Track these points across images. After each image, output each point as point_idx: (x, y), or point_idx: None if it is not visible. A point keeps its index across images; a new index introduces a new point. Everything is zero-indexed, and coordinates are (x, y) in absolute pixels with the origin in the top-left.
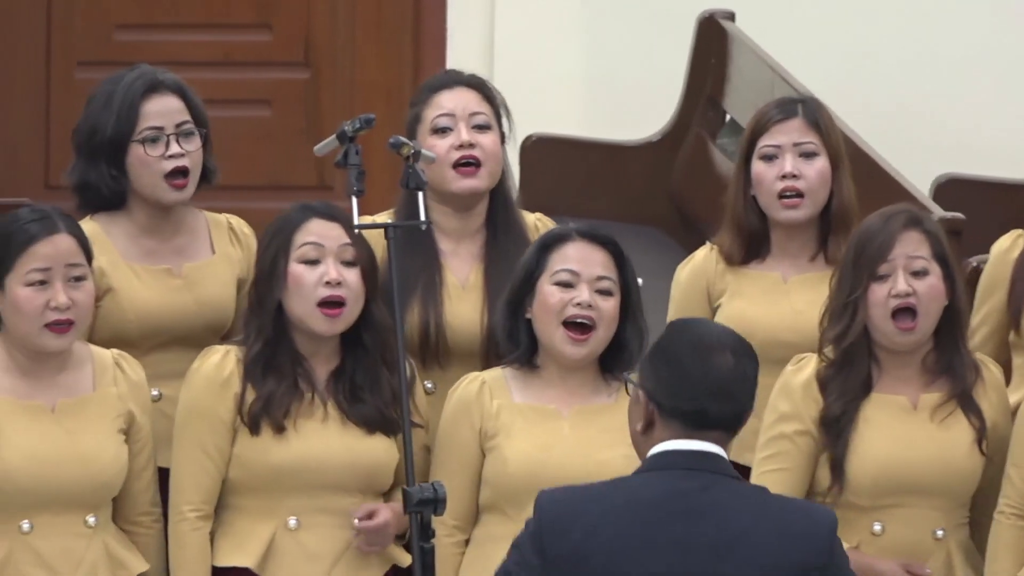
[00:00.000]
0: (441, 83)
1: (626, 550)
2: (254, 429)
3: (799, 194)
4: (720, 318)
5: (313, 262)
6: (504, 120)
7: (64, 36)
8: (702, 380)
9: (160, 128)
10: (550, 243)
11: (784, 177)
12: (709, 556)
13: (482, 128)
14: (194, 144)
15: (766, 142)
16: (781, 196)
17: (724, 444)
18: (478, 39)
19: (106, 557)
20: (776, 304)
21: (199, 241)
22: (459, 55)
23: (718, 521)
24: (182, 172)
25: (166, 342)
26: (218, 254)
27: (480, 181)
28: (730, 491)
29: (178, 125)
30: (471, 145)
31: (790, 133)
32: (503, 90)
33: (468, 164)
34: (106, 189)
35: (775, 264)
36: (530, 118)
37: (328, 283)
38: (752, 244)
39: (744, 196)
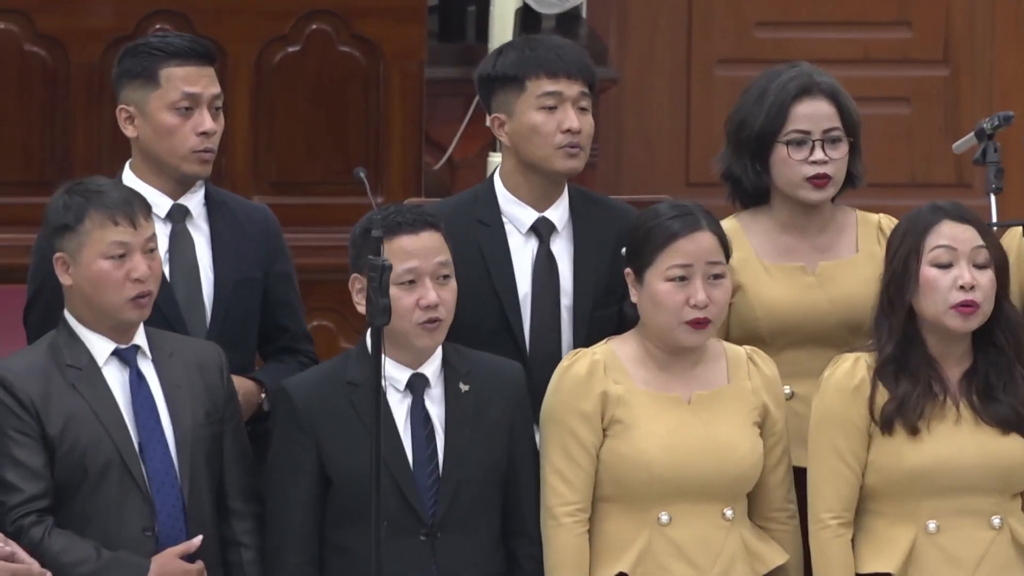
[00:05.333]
0: None
1: None
2: (886, 429)
3: None
4: None
5: (946, 266)
6: None
7: (704, 35)
8: None
9: (807, 132)
10: None
11: None
12: None
13: None
14: (839, 151)
15: None
16: None
17: None
18: None
19: (744, 550)
20: None
21: (844, 239)
22: None
23: None
24: (821, 178)
25: (798, 340)
26: (861, 252)
27: None
28: None
29: (825, 131)
30: None
31: None
32: None
33: None
34: (748, 183)
35: None
36: None
37: (962, 287)
38: None
39: None
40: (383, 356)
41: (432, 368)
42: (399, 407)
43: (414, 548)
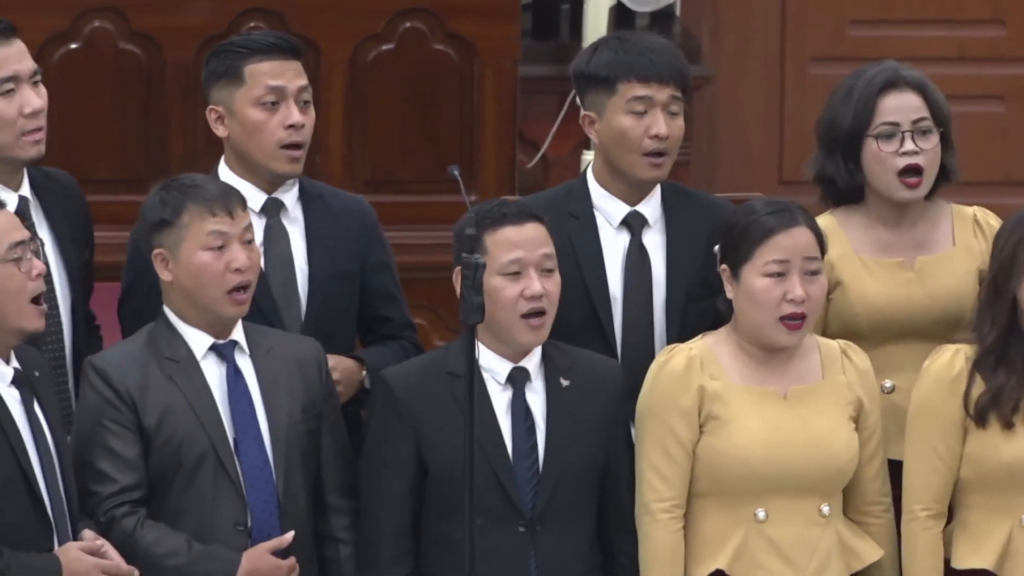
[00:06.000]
0: None
1: None
2: (980, 422)
3: None
4: None
5: None
6: None
7: (798, 32)
8: None
9: (896, 124)
10: None
11: None
12: None
13: None
14: (930, 143)
15: None
16: None
17: None
18: None
19: (839, 546)
20: None
21: (939, 234)
22: None
23: None
24: (914, 170)
25: (897, 334)
26: (958, 246)
27: None
28: None
29: (914, 122)
30: None
31: None
32: None
33: None
34: (841, 182)
35: None
36: None
37: None
38: None
39: None
40: (479, 347)
41: (533, 362)
42: (499, 399)
43: (513, 540)
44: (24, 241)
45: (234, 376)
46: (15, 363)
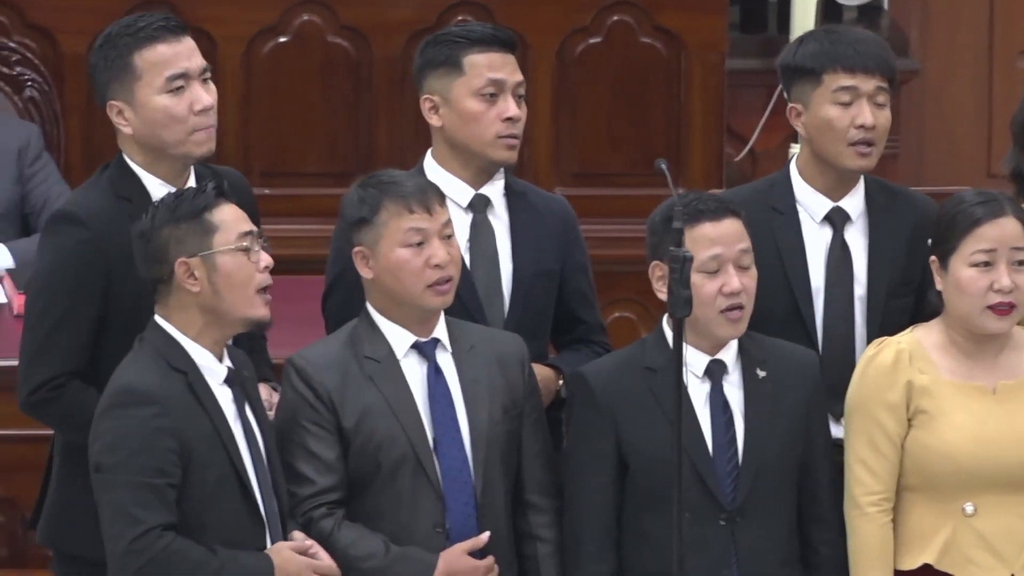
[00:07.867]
0: None
1: None
2: None
3: None
4: None
5: None
6: None
7: (1006, 26)
8: None
9: None
10: None
11: None
12: None
13: None
14: None
15: None
16: None
17: None
18: None
19: None
20: None
21: None
22: None
23: None
24: None
25: None
26: None
27: None
28: None
29: None
30: None
31: None
32: None
33: None
34: None
35: None
36: None
37: None
38: None
39: None
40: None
41: (729, 354)
42: (697, 393)
43: (713, 533)
44: (252, 232)
45: (435, 376)
46: (228, 362)
